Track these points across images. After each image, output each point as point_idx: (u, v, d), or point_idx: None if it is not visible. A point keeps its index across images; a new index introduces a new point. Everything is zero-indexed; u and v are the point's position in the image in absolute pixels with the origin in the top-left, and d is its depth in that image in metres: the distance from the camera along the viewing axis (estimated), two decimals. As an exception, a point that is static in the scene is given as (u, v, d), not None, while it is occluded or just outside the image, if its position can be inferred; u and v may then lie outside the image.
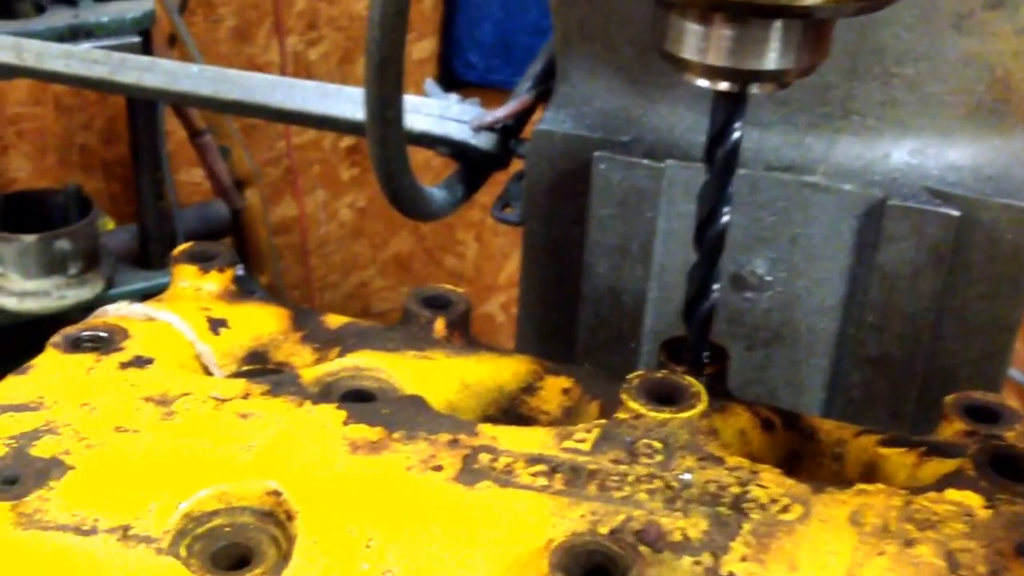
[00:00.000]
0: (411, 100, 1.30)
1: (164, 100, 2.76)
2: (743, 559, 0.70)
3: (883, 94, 1.08)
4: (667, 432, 0.80)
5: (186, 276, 1.00)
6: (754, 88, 0.80)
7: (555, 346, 1.28)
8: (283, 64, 4.05)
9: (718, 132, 0.84)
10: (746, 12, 0.74)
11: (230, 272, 1.01)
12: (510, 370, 0.94)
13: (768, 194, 1.11)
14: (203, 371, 0.93)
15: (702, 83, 0.80)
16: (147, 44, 2.99)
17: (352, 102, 1.37)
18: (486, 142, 1.34)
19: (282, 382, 0.87)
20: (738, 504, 0.74)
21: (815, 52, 0.79)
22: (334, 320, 0.99)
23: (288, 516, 0.73)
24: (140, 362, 0.88)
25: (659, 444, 0.79)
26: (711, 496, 0.74)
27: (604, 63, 1.19)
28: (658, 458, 0.78)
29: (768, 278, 1.14)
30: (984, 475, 0.77)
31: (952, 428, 0.85)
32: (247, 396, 0.84)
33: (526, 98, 1.35)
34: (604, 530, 0.71)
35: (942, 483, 0.76)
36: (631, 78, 1.17)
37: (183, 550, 0.72)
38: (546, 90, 1.32)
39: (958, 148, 1.10)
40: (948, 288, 1.10)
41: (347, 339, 0.95)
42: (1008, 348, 1.14)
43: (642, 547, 0.70)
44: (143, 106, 3.02)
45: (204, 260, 1.01)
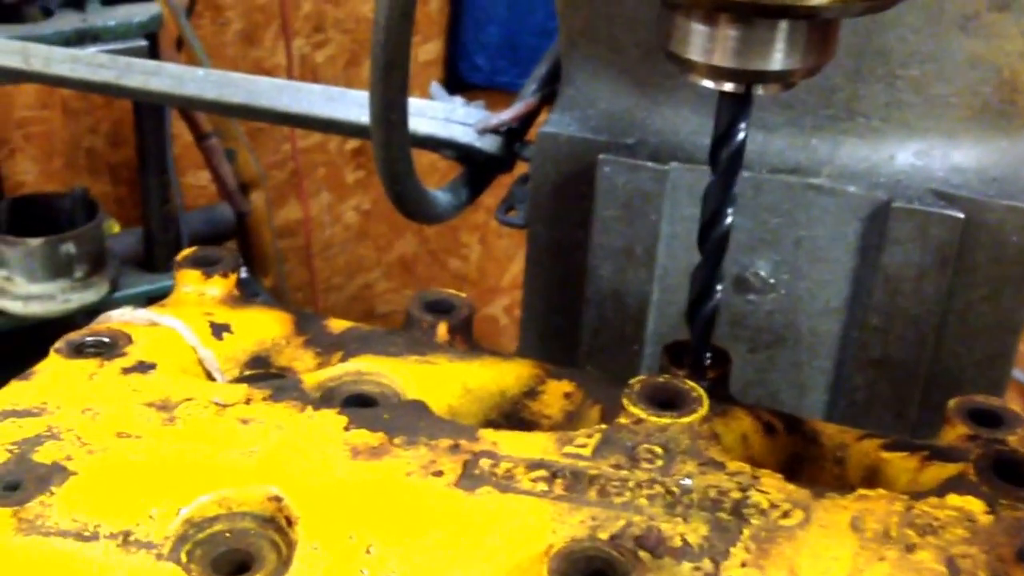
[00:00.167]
0: (416, 103, 1.30)
1: (170, 104, 2.76)
2: (743, 565, 0.70)
3: (888, 96, 1.07)
4: (668, 437, 0.80)
5: (189, 281, 1.00)
6: (759, 89, 0.80)
7: (558, 348, 1.28)
8: (290, 67, 4.06)
9: (723, 133, 0.83)
10: (751, 12, 0.74)
11: (233, 277, 1.01)
12: (512, 374, 0.94)
13: (772, 196, 1.11)
14: (206, 376, 0.94)
15: (707, 84, 0.80)
16: (154, 48, 2.99)
17: (357, 105, 1.37)
18: (491, 145, 1.34)
19: (284, 387, 0.87)
20: (738, 509, 0.73)
21: (820, 53, 0.78)
22: (337, 324, 0.99)
23: (289, 522, 0.74)
24: (142, 367, 0.88)
25: (660, 449, 0.79)
26: (711, 501, 0.74)
27: (609, 65, 1.19)
28: (659, 463, 0.77)
29: (771, 280, 1.14)
30: (986, 480, 0.77)
31: (955, 432, 0.84)
32: (249, 401, 0.84)
33: (531, 101, 1.35)
34: (604, 535, 0.71)
35: (944, 488, 0.76)
36: (636, 80, 1.17)
37: (184, 556, 0.72)
38: (551, 93, 1.32)
39: (963, 150, 1.10)
40: (952, 290, 1.10)
41: (349, 344, 0.95)
42: (1012, 350, 1.13)
43: (642, 553, 0.69)
44: (149, 110, 3.02)
45: (207, 265, 1.01)
